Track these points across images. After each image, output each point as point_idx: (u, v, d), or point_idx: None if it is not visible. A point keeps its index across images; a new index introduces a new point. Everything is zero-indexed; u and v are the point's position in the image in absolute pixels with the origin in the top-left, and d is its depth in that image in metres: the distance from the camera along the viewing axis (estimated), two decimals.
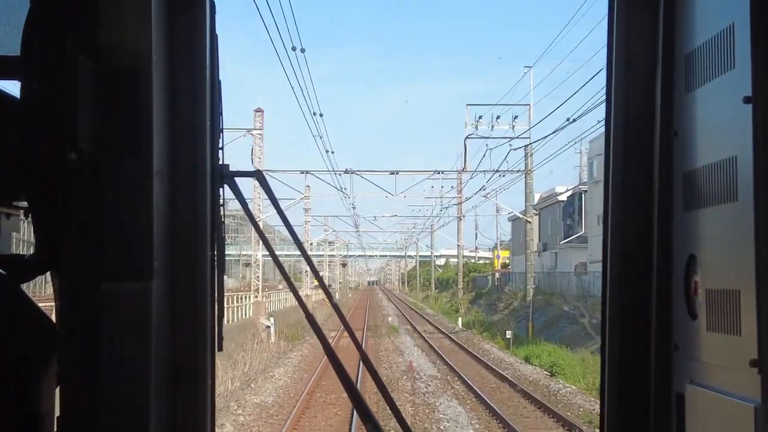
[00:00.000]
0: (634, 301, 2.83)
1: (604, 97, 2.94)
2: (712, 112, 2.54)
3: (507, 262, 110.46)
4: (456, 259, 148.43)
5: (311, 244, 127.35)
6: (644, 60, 2.82)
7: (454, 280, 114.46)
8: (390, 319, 66.97)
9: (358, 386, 8.39)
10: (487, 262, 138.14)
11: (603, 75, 2.95)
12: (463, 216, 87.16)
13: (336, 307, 3.53)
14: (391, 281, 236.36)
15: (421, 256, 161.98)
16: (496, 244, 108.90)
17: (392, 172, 54.52)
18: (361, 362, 18.54)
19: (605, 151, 2.90)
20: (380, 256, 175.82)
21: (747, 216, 2.26)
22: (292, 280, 3.47)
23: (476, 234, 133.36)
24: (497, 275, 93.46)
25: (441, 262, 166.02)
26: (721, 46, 2.45)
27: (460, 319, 62.48)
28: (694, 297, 2.62)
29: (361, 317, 68.68)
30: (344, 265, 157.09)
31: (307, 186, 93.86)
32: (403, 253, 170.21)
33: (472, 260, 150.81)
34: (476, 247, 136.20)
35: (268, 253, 3.49)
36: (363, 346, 5.87)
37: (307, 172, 53.35)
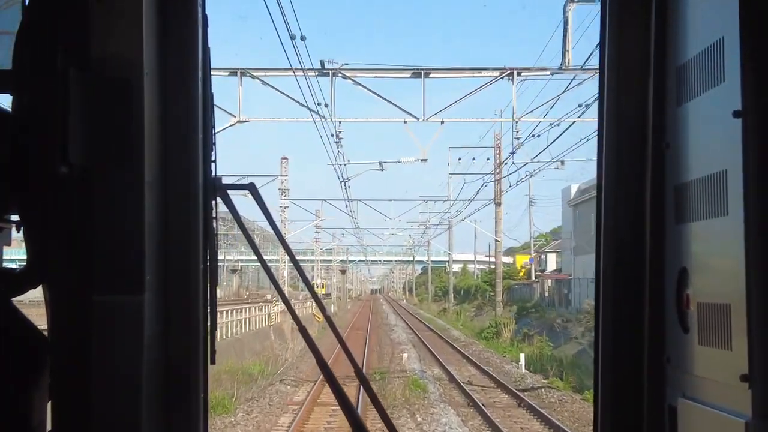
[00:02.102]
0: (627, 313, 2.82)
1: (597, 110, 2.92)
2: (702, 126, 2.54)
3: (530, 267, 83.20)
4: (478, 265, 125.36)
5: (311, 251, 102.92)
6: (636, 73, 2.82)
7: (479, 289, 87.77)
8: (405, 355, 39.24)
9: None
10: (506, 267, 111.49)
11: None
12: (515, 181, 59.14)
13: (329, 320, 3.55)
14: (396, 290, 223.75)
15: (423, 262, 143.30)
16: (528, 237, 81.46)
17: (416, 73, 26.56)
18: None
19: (597, 162, 2.90)
20: (384, 261, 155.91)
21: (737, 230, 2.26)
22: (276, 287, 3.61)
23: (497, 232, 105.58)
24: (549, 283, 65.30)
25: (454, 268, 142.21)
26: (711, 60, 2.46)
27: (522, 358, 34.72)
28: (686, 310, 2.61)
29: (360, 348, 42.14)
30: (343, 271, 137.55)
31: (285, 159, 64.44)
32: (410, 258, 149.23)
33: (491, 266, 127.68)
34: (494, 251, 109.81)
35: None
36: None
37: (243, 72, 25.58)
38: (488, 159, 59.67)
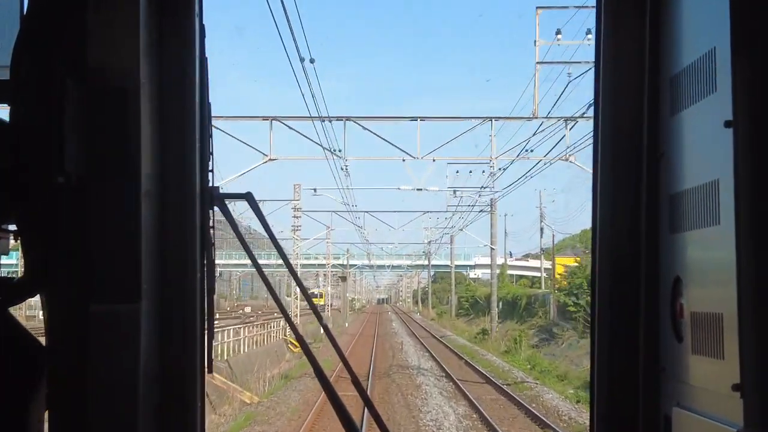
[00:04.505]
0: (623, 322, 2.90)
1: (592, 120, 3.18)
2: (695, 135, 2.65)
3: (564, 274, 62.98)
4: (517, 272, 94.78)
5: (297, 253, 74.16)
6: (631, 83, 2.93)
7: (538, 301, 56.56)
8: None
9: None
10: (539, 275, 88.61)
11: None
12: None
13: (327, 331, 3.61)
14: (404, 299, 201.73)
15: (440, 266, 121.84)
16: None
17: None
18: None
19: (593, 171, 3.03)
20: (393, 266, 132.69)
21: (729, 240, 2.33)
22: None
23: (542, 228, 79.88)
24: None
25: (472, 274, 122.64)
26: (703, 70, 2.56)
27: None
28: (680, 319, 2.70)
29: None
30: (344, 278, 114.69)
31: None
32: (423, 262, 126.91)
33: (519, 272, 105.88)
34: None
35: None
36: None
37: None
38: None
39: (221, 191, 3.02)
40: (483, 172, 57.25)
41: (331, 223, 79.38)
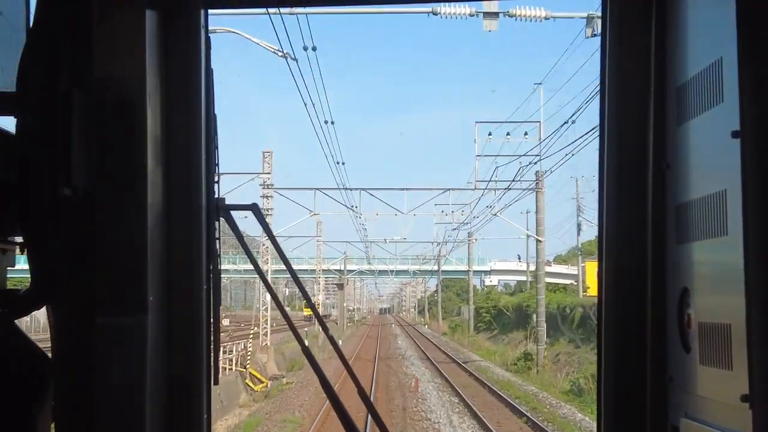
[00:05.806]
0: (630, 333, 2.94)
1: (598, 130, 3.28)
2: (702, 146, 2.70)
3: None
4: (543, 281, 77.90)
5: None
6: (637, 93, 2.99)
7: (589, 311, 38.86)
8: None
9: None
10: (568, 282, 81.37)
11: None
12: None
13: (333, 342, 3.44)
14: (407, 309, 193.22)
15: (451, 272, 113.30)
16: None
17: None
18: None
19: (599, 182, 3.10)
20: (397, 271, 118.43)
21: (736, 250, 2.37)
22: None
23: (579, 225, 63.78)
24: None
25: (488, 281, 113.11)
26: (710, 80, 2.59)
27: None
28: (687, 330, 2.74)
29: None
30: (341, 286, 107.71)
31: None
32: (431, 267, 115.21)
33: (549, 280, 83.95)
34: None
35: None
36: None
37: None
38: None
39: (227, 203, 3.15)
40: (526, 134, 40.59)
41: (315, 207, 57.89)
